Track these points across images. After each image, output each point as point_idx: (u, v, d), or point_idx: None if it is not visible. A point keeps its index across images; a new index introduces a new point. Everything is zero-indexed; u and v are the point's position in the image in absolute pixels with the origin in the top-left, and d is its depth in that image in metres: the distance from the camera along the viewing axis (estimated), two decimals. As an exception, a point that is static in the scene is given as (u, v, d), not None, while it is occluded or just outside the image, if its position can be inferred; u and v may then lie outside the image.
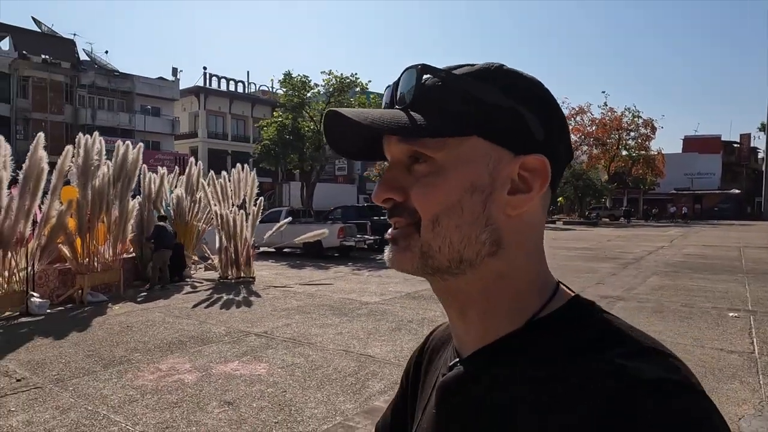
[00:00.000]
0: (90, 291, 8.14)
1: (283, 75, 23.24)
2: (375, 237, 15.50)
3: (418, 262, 0.50)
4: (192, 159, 11.73)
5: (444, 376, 0.55)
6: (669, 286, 9.39)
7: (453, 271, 0.50)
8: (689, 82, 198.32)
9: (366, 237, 15.28)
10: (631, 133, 42.89)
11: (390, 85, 0.55)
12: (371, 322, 6.72)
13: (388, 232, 0.53)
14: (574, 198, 42.17)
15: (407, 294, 8.58)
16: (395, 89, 0.54)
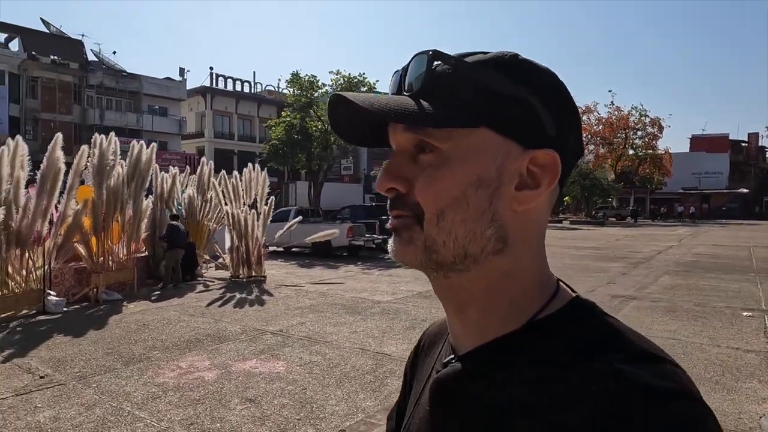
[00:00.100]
0: (105, 290, 8.22)
1: (291, 75, 23.32)
2: (384, 236, 15.52)
3: (422, 255, 0.49)
4: (203, 159, 11.79)
5: (439, 372, 0.53)
6: (681, 285, 9.38)
7: (457, 267, 0.49)
8: (696, 81, 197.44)
9: (375, 236, 15.31)
10: (638, 132, 42.79)
11: (398, 70, 0.53)
12: (385, 320, 6.76)
13: (389, 222, 0.52)
14: (580, 197, 42.03)
15: (419, 293, 8.61)
16: (403, 75, 0.51)
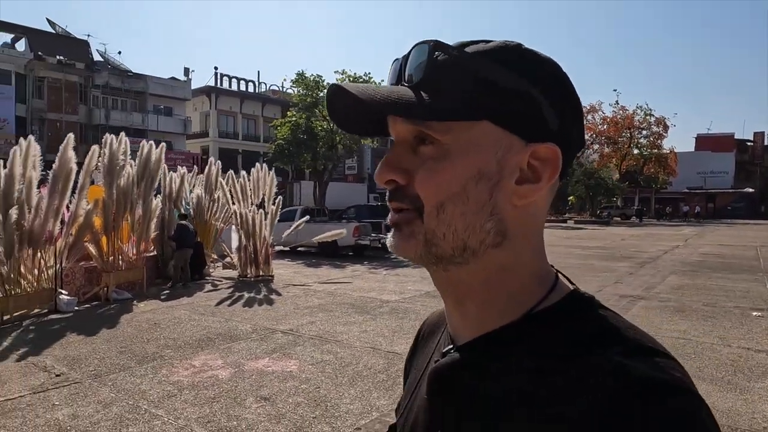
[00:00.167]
0: (115, 289, 8.28)
1: (296, 74, 23.41)
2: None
3: (422, 249, 0.49)
4: (211, 159, 11.84)
5: (437, 361, 0.53)
6: (689, 285, 9.37)
7: (456, 260, 0.49)
8: (702, 80, 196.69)
9: (380, 236, 15.33)
10: (643, 132, 42.71)
11: (398, 59, 0.51)
12: (394, 320, 6.78)
13: (389, 216, 0.51)
14: (585, 197, 41.98)
15: (426, 293, 8.63)
16: (404, 65, 0.50)
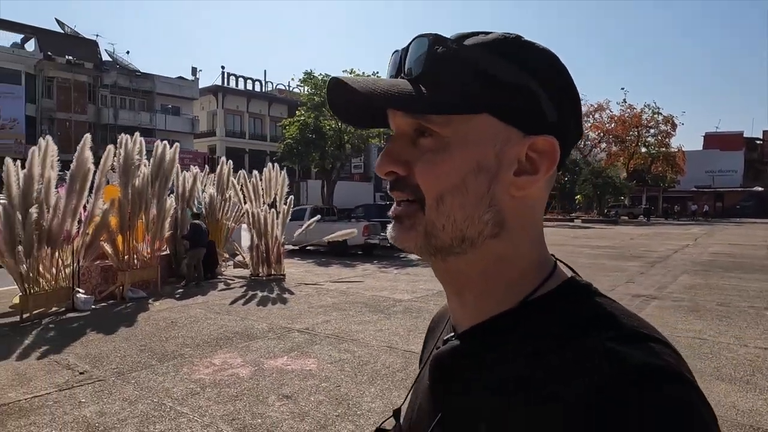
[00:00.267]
0: (130, 287, 8.36)
1: (305, 74, 23.42)
2: None
3: (422, 240, 0.50)
4: (222, 158, 11.91)
5: (439, 349, 0.55)
6: (701, 284, 9.35)
7: (455, 250, 0.50)
8: (710, 78, 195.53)
9: (390, 235, 15.37)
10: (651, 130, 42.50)
11: (398, 51, 0.52)
12: (409, 319, 6.82)
13: (391, 209, 0.52)
14: (592, 196, 41.84)
15: (438, 292, 8.66)
16: (403, 57, 0.51)
